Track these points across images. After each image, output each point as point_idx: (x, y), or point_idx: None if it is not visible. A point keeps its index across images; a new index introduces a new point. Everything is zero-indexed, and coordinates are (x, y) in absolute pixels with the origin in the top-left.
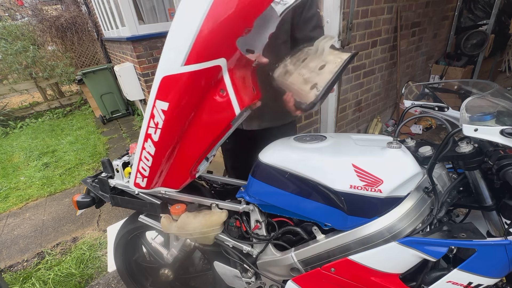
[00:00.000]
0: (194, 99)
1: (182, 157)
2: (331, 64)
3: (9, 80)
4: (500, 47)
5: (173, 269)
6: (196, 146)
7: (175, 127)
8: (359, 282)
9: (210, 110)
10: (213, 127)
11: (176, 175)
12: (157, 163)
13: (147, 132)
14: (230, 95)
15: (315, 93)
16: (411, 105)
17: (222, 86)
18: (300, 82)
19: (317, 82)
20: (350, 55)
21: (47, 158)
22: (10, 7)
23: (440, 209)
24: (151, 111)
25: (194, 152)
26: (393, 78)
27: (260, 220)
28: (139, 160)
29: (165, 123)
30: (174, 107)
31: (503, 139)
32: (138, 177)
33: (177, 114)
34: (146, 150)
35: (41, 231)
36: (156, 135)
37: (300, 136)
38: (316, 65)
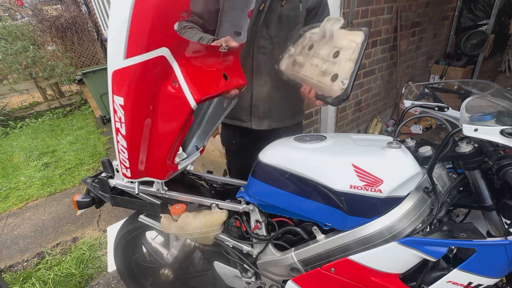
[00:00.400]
0: (147, 92)
1: (154, 149)
2: (346, 50)
3: (9, 80)
4: (500, 47)
5: (173, 269)
6: (163, 139)
7: (136, 120)
8: (359, 282)
9: (166, 102)
10: (173, 120)
11: (155, 166)
12: (133, 155)
13: (115, 126)
14: (183, 87)
15: (341, 87)
16: (411, 105)
17: (173, 77)
18: (317, 74)
19: (337, 72)
20: (364, 37)
21: (47, 158)
22: (10, 7)
23: (440, 209)
24: (113, 107)
25: (164, 145)
26: (393, 78)
27: (260, 220)
28: (118, 152)
29: (126, 117)
30: (130, 101)
31: (503, 139)
32: (122, 167)
33: (134, 108)
34: (120, 144)
35: (41, 231)
36: (122, 129)
37: (300, 136)
38: (328, 52)
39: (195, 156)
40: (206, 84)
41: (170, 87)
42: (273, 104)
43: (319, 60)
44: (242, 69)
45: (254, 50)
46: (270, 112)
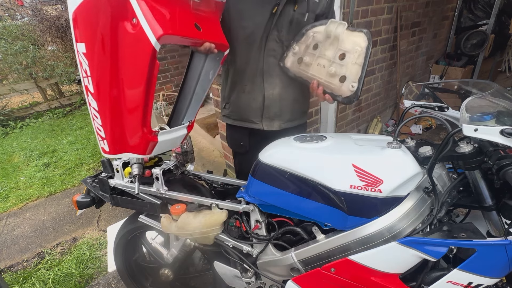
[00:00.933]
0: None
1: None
2: (352, 54)
3: (9, 80)
4: (500, 47)
5: (173, 269)
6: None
7: (101, 70)
8: (359, 282)
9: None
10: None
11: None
12: (106, 119)
13: (84, 84)
14: (142, 22)
15: (350, 89)
16: (411, 105)
17: (132, 13)
18: (325, 74)
19: (345, 74)
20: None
21: (47, 158)
22: (10, 7)
23: (440, 209)
24: (78, 59)
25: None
26: (393, 78)
27: (260, 220)
28: (92, 119)
29: (90, 68)
30: (90, 46)
31: (503, 139)
32: (99, 139)
33: (95, 53)
34: (92, 107)
35: (41, 231)
36: (90, 85)
37: (300, 136)
38: (333, 54)
39: (179, 131)
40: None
41: (130, 25)
42: (283, 105)
43: (325, 61)
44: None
45: (265, 52)
46: (281, 113)
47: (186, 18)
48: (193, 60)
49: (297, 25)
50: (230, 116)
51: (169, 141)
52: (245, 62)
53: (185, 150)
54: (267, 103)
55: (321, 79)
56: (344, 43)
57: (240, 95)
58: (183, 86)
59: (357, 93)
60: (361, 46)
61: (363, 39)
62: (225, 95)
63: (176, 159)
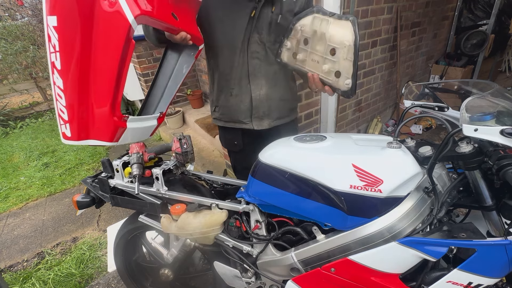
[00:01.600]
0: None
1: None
2: (341, 49)
3: (9, 80)
4: (500, 47)
5: (173, 269)
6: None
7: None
8: (359, 282)
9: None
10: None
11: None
12: (71, 99)
13: (51, 60)
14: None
15: (346, 85)
16: (411, 105)
17: None
18: (321, 71)
19: (339, 70)
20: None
21: (47, 158)
22: (10, 7)
23: (440, 209)
24: (47, 33)
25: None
26: (393, 78)
27: (260, 220)
28: (55, 99)
29: (60, 42)
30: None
31: (503, 139)
32: (61, 123)
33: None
34: (56, 85)
35: (41, 231)
36: (57, 61)
37: (300, 136)
38: (324, 49)
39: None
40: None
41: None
42: (271, 105)
43: (318, 57)
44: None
45: (248, 55)
46: (270, 112)
47: (163, 5)
48: (167, 57)
49: (276, 26)
50: (221, 118)
51: (139, 130)
52: (230, 66)
53: (185, 150)
54: (255, 104)
55: (318, 74)
56: (332, 38)
57: (228, 98)
58: (155, 80)
59: (353, 89)
60: (349, 41)
61: (350, 32)
62: (213, 99)
63: (176, 159)
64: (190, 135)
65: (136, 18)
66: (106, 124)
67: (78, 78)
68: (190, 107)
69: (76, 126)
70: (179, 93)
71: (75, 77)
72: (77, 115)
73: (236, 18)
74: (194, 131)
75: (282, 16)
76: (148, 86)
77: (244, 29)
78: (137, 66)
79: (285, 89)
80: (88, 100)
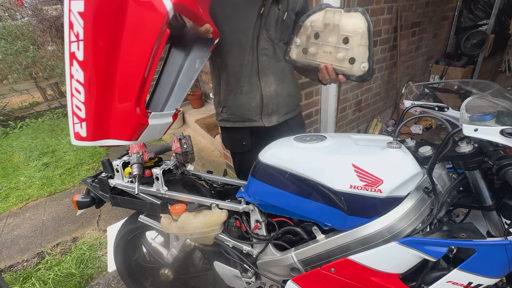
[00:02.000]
0: None
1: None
2: (355, 36)
3: (9, 80)
4: (500, 47)
5: (173, 269)
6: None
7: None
8: (359, 282)
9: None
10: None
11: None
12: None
13: (70, 51)
14: None
15: (362, 69)
16: (411, 105)
17: None
18: (333, 60)
19: (353, 56)
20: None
21: (47, 158)
22: (10, 7)
23: (440, 209)
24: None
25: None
26: (393, 78)
27: (260, 220)
28: (71, 95)
29: (85, 30)
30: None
31: (503, 139)
32: (75, 122)
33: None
34: (75, 78)
35: (41, 231)
36: (80, 52)
37: (300, 136)
38: (337, 40)
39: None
40: None
41: None
42: (280, 101)
43: (331, 48)
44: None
45: (258, 52)
46: (278, 108)
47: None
48: (172, 53)
49: (282, 23)
50: (229, 119)
51: (157, 127)
52: (240, 64)
53: (185, 150)
54: (266, 101)
55: (331, 64)
56: (344, 28)
57: (238, 96)
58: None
59: (370, 72)
60: (361, 28)
61: (362, 20)
62: (220, 100)
63: (176, 159)
64: (190, 135)
65: (174, 5)
66: (128, 120)
67: (103, 70)
68: (190, 107)
69: (93, 125)
70: None
71: (99, 69)
72: (96, 111)
73: (245, 15)
74: (194, 131)
75: (287, 14)
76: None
77: (253, 26)
78: None
79: (292, 85)
80: (112, 94)
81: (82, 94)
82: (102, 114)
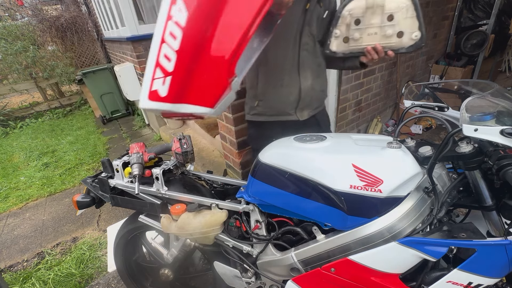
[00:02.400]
0: None
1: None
2: (399, 11)
3: (9, 80)
4: (500, 47)
5: (173, 269)
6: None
7: None
8: (359, 282)
9: None
10: None
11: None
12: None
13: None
14: None
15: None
16: (411, 105)
17: None
18: (380, 39)
19: (401, 30)
20: None
21: (47, 158)
22: (10, 7)
23: (440, 209)
24: None
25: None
26: (393, 78)
27: (260, 220)
28: (160, 41)
29: None
30: None
31: (503, 139)
32: (157, 76)
33: None
34: (174, 20)
35: (41, 231)
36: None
37: (300, 136)
38: (381, 20)
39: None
40: None
41: None
42: (313, 95)
43: (376, 29)
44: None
45: (300, 47)
46: (311, 102)
47: None
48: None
49: (322, 21)
50: (264, 113)
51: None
52: (283, 57)
53: (185, 150)
54: (303, 95)
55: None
56: (388, 6)
57: (278, 89)
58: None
59: (423, 39)
60: (404, 2)
61: None
62: (257, 93)
63: (176, 159)
64: (190, 135)
65: None
66: (215, 83)
67: (208, 15)
68: None
69: (180, 82)
70: None
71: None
72: (188, 65)
73: (292, 10)
74: (194, 131)
75: (327, 12)
76: None
77: (297, 21)
78: (137, 66)
79: (324, 81)
80: (207, 48)
81: (177, 41)
82: (191, 71)
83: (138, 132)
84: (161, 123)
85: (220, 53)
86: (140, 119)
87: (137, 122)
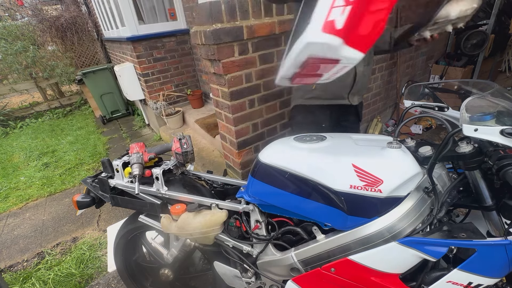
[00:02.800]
0: None
1: None
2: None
3: (9, 80)
4: (500, 47)
5: (173, 269)
6: None
7: None
8: (359, 282)
9: None
10: None
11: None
12: None
13: None
14: None
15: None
16: (411, 105)
17: None
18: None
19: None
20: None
21: (47, 158)
22: (10, 7)
23: (440, 209)
24: None
25: None
26: (393, 78)
27: (260, 220)
28: None
29: None
30: None
31: (503, 139)
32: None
33: None
34: None
35: (41, 231)
36: None
37: (300, 136)
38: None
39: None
40: None
41: None
42: (364, 81)
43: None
44: None
45: None
46: (361, 88)
47: None
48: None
49: None
50: (320, 96)
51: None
52: None
53: (185, 150)
54: (357, 79)
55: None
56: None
57: None
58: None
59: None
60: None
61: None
62: None
63: (176, 159)
64: (190, 135)
65: None
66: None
67: None
68: (190, 107)
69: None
70: (179, 93)
71: None
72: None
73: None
74: (194, 131)
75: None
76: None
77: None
78: (137, 66)
79: (371, 68)
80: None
81: None
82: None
83: (138, 132)
84: (161, 123)
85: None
86: (140, 119)
87: (137, 122)
